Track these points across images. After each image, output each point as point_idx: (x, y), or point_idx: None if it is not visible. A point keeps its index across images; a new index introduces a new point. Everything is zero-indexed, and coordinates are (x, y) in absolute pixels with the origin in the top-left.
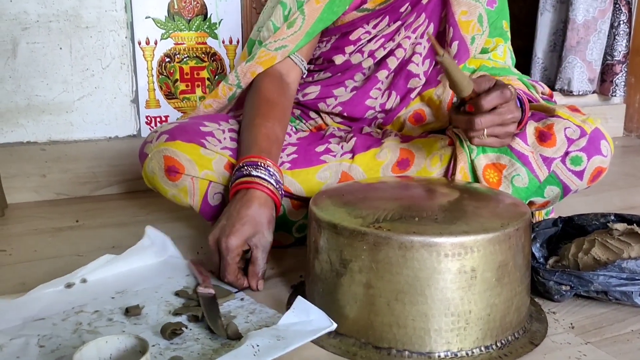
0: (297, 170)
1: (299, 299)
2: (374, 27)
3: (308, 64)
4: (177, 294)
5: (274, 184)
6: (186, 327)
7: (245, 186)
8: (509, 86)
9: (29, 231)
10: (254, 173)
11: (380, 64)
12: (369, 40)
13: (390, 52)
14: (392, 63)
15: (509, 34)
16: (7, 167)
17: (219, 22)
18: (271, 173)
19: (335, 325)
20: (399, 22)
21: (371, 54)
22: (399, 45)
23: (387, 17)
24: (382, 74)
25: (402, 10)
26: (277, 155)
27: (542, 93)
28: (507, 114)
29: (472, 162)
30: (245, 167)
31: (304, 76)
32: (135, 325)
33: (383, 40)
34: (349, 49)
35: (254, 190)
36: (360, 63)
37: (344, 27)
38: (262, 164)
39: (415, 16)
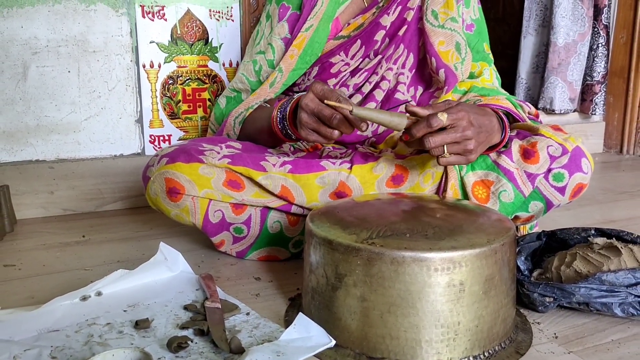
0: (298, 175)
1: (300, 315)
2: (352, 57)
3: (297, 92)
4: (185, 307)
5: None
6: (191, 341)
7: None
8: (459, 107)
9: (38, 246)
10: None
11: (367, 97)
12: (352, 74)
13: (376, 85)
14: (379, 95)
15: (491, 56)
16: (17, 184)
17: (220, 46)
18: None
19: (333, 342)
20: (380, 56)
21: (358, 89)
22: (383, 78)
23: (363, 45)
24: (371, 106)
25: (376, 38)
26: None
27: (529, 113)
28: (456, 132)
29: (462, 179)
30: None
31: None
32: (144, 338)
33: (367, 74)
34: (332, 81)
35: None
36: (349, 99)
37: (324, 56)
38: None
39: (394, 48)
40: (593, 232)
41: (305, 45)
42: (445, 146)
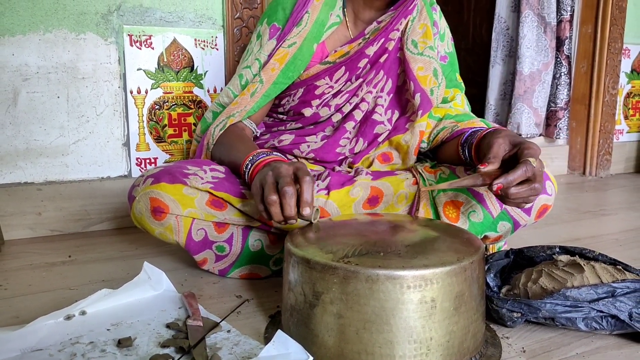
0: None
1: (279, 332)
2: (336, 81)
3: (280, 114)
4: (168, 326)
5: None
6: (173, 359)
7: (270, 160)
8: (536, 166)
9: (24, 266)
10: (270, 155)
11: (347, 116)
12: (334, 95)
13: (356, 106)
14: (358, 115)
15: (462, 84)
16: (5, 206)
17: (204, 74)
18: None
19: (311, 359)
20: (361, 79)
21: (339, 109)
22: (362, 100)
23: (347, 72)
24: (350, 125)
25: (360, 65)
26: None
27: None
28: (532, 187)
29: (433, 199)
30: (261, 154)
31: (276, 128)
32: (126, 357)
33: (348, 96)
34: (315, 102)
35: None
36: (330, 117)
37: (309, 79)
38: (267, 152)
39: (374, 73)
40: (557, 249)
41: (288, 61)
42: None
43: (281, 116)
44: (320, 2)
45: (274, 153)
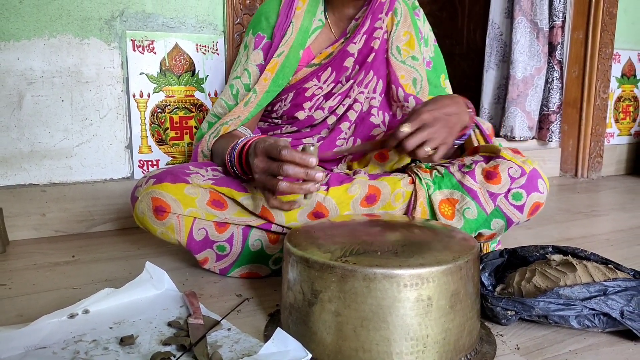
0: (278, 196)
1: (278, 330)
2: (324, 82)
3: (275, 118)
4: (169, 324)
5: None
6: (174, 356)
7: (251, 141)
8: (421, 110)
9: (28, 266)
10: (250, 137)
11: (341, 118)
12: (326, 98)
13: (349, 107)
14: (352, 116)
15: (447, 89)
16: (10, 207)
17: (205, 78)
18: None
19: (310, 356)
20: (352, 81)
21: (332, 112)
22: (355, 101)
23: (334, 72)
24: (345, 126)
25: (345, 64)
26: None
27: (487, 128)
28: (423, 130)
29: (429, 197)
30: (239, 142)
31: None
32: (128, 354)
33: (340, 98)
34: (307, 104)
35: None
36: (325, 120)
37: (297, 83)
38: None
39: (364, 74)
40: (550, 249)
41: (277, 70)
42: (427, 147)
43: (276, 120)
44: (302, 10)
45: (251, 134)
